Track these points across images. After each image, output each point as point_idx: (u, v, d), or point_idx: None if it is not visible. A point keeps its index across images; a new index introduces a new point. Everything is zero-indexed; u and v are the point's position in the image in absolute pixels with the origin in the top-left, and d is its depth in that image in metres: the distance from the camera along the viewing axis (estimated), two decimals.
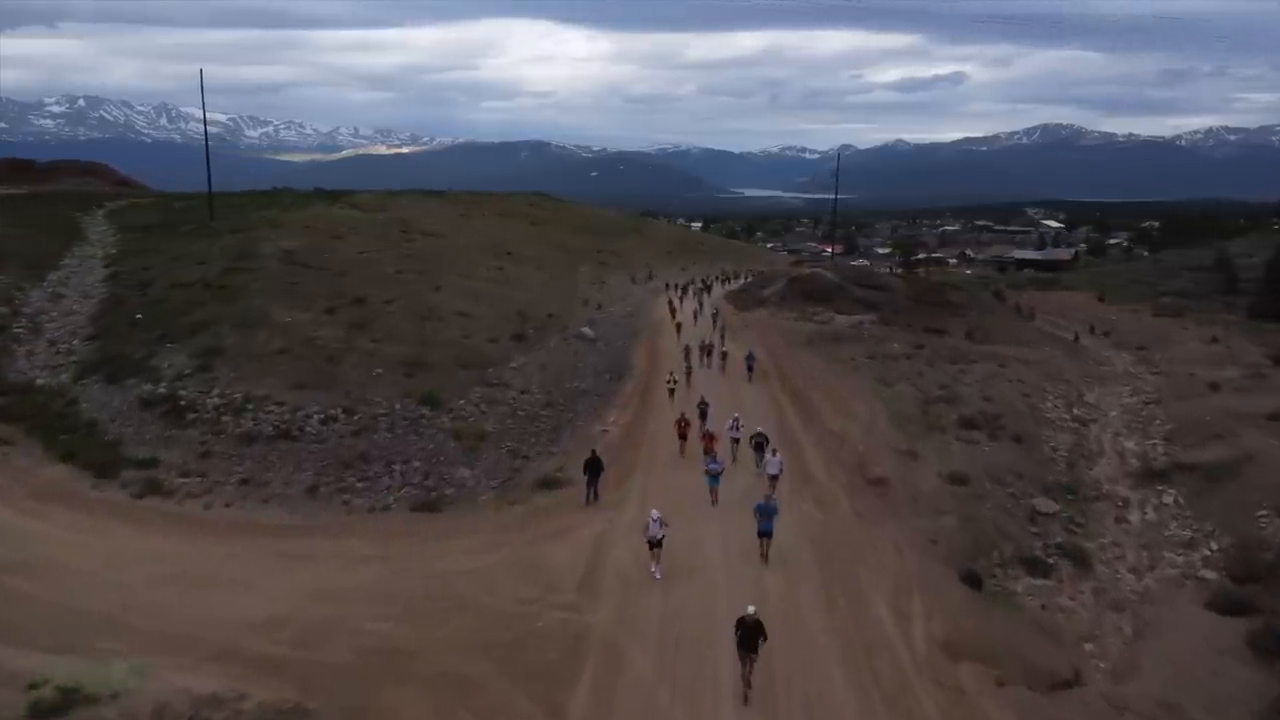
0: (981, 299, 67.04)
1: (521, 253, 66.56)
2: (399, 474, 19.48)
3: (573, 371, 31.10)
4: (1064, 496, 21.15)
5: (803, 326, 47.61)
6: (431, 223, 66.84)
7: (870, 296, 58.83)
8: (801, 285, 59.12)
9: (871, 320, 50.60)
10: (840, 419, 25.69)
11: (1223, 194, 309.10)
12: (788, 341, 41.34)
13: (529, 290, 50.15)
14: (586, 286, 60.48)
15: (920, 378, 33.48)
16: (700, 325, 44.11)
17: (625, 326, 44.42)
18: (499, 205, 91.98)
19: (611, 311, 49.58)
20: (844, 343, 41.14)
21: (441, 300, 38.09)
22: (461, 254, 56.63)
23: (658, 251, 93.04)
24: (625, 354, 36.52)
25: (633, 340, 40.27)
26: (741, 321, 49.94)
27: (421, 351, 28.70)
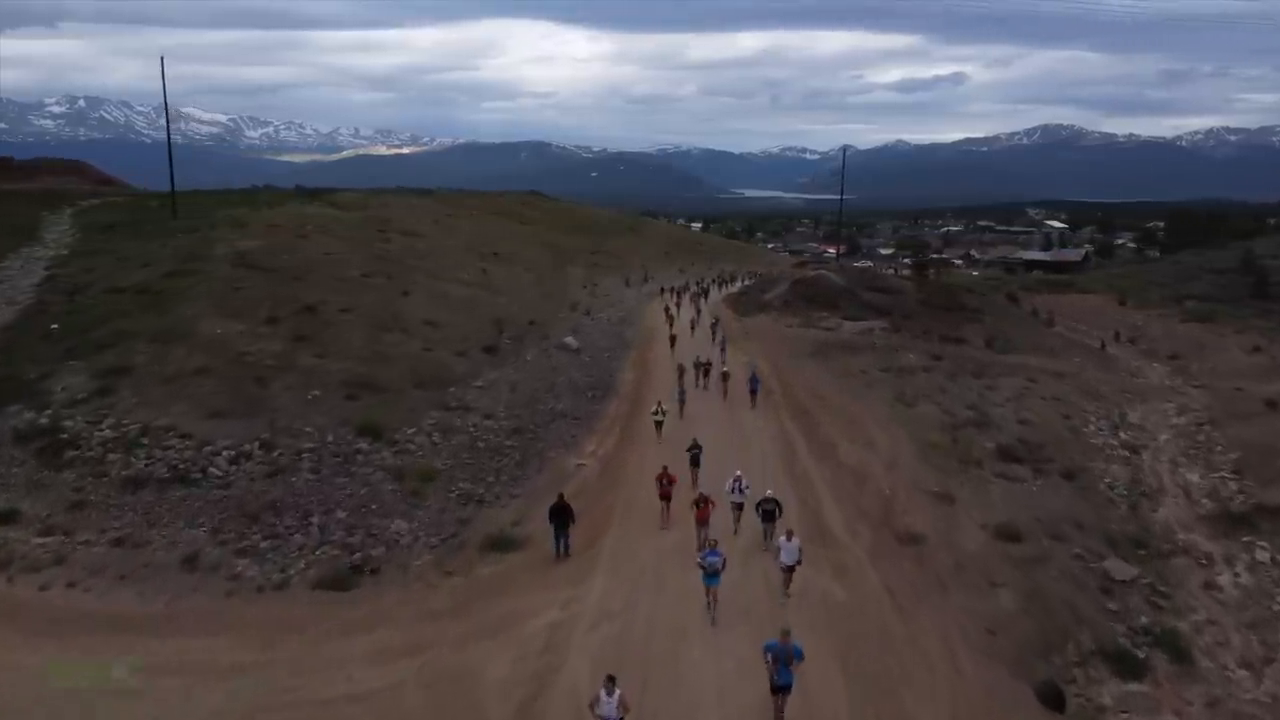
0: (996, 302, 63.22)
1: (508, 253, 62.79)
2: (316, 529, 15.69)
3: (549, 390, 27.24)
4: (1134, 552, 17.34)
5: (808, 334, 43.77)
6: (413, 222, 63.08)
7: (879, 300, 55.02)
8: (805, 289, 55.27)
9: (881, 327, 46.75)
10: (858, 449, 21.85)
11: (1223, 194, 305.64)
12: (793, 352, 37.50)
13: (511, 295, 46.33)
14: (576, 290, 56.67)
15: (943, 395, 29.63)
16: (698, 337, 39.79)
17: (614, 335, 40.57)
18: (490, 204, 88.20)
19: (601, 318, 45.74)
20: (854, 353, 37.29)
21: (408, 307, 34.27)
22: (442, 255, 52.87)
23: (655, 252, 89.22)
24: (612, 367, 32.67)
25: (622, 351, 36.41)
26: (742, 328, 46.13)
27: (373, 369, 24.88)
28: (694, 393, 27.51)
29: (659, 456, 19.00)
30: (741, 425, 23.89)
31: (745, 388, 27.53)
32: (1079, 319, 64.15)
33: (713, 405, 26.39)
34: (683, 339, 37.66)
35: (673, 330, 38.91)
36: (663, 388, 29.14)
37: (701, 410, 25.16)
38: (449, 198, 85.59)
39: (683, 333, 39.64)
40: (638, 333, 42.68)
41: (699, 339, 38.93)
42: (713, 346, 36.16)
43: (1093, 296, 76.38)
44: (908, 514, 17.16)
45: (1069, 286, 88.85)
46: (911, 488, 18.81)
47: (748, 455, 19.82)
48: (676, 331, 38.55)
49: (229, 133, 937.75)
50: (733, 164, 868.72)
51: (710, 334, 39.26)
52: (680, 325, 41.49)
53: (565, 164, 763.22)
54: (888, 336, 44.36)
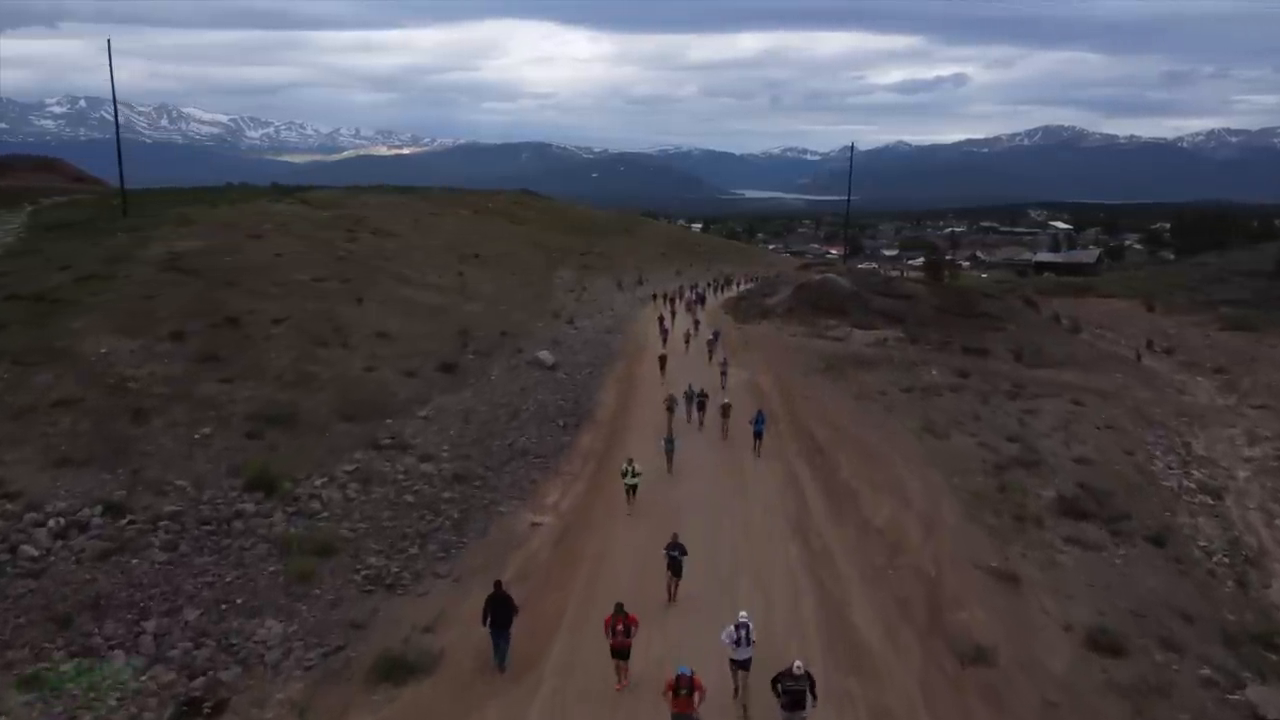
0: (1015, 308, 58.71)
1: (492, 255, 58.42)
2: (150, 639, 11.29)
3: (511, 418, 22.77)
4: (1263, 655, 12.92)
5: (815, 345, 39.32)
6: (390, 221, 58.76)
7: (891, 307, 50.56)
8: (811, 293, 50.82)
9: (896, 336, 42.29)
10: (887, 502, 17.40)
11: (1224, 196, 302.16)
12: (799, 366, 33.02)
13: (487, 300, 41.93)
14: (562, 295, 52.26)
15: (978, 423, 25.19)
16: (693, 354, 34.88)
17: (599, 346, 36.11)
18: (479, 202, 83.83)
19: (585, 326, 41.30)
20: (869, 369, 32.82)
21: (359, 316, 29.84)
22: (415, 256, 48.52)
23: (651, 253, 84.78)
24: (591, 387, 28.19)
25: (605, 367, 31.93)
26: (742, 337, 41.69)
27: (293, 395, 20.45)
28: (686, 430, 22.49)
29: (628, 539, 14.51)
30: (743, 480, 18.90)
31: (748, 423, 21.50)
32: (1104, 325, 59.67)
33: (708, 453, 21.09)
34: (675, 357, 32.69)
35: (663, 348, 33.62)
36: (648, 413, 24.72)
37: (694, 460, 20.00)
38: (436, 196, 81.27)
39: (675, 349, 34.70)
40: (626, 343, 38.23)
41: (694, 357, 34.09)
42: (710, 367, 31.25)
43: (1116, 300, 71.89)
44: (963, 607, 12.73)
45: (1087, 289, 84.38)
46: (961, 563, 14.38)
47: (749, 539, 15.25)
48: (667, 351, 32.94)
49: (229, 133, 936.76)
50: (733, 165, 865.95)
51: (707, 351, 34.16)
52: (673, 340, 36.44)
53: (566, 165, 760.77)
54: (904, 348, 39.92)
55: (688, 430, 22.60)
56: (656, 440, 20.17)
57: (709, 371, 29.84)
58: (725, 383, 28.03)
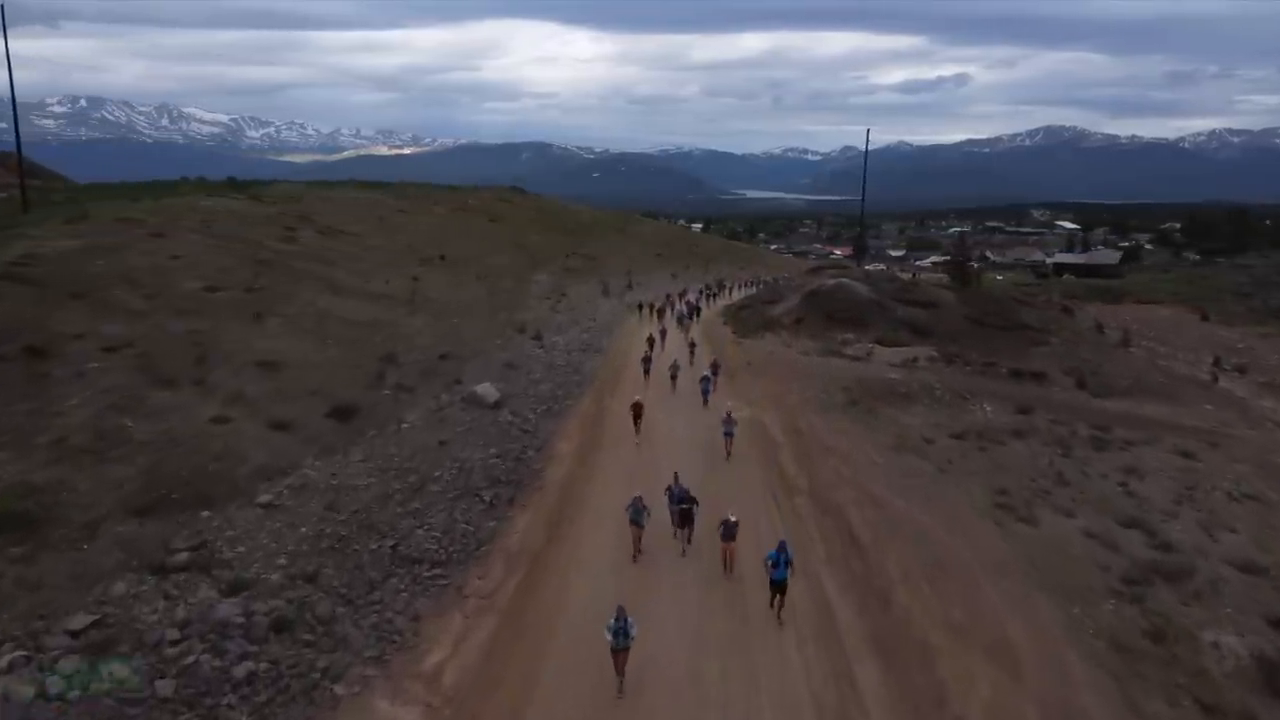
0: (1055, 318, 51.69)
1: (461, 257, 51.57)
2: None
3: (410, 496, 15.80)
4: None
5: (832, 367, 32.33)
6: (347, 219, 51.92)
7: (915, 316, 43.59)
8: (824, 301, 43.87)
9: (928, 355, 35.29)
10: (979, 666, 10.50)
11: (1226, 196, 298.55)
12: (814, 399, 26.02)
13: (438, 312, 35.04)
14: (535, 302, 45.36)
15: (1068, 490, 18.22)
16: (684, 393, 26.13)
17: (567, 372, 29.17)
18: (458, 199, 76.94)
19: (555, 343, 34.38)
20: (903, 403, 25.84)
21: (246, 339, 22.92)
22: (366, 259, 41.63)
23: (644, 254, 77.86)
24: (543, 436, 21.22)
25: (570, 402, 24.98)
26: (743, 355, 34.76)
27: (61, 474, 13.55)
28: (662, 554, 14.20)
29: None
30: (752, 668, 10.83)
31: (762, 552, 12.75)
32: (1154, 336, 52.62)
33: (696, 610, 12.37)
34: (659, 400, 24.56)
35: (644, 386, 25.91)
36: (618, 473, 17.86)
37: (672, 639, 11.41)
38: (412, 192, 74.43)
39: (659, 387, 26.59)
40: (603, 366, 31.28)
41: (684, 399, 25.60)
42: (704, 412, 23.69)
43: (1160, 308, 64.80)
44: None
45: (1122, 293, 77.35)
46: None
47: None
48: (645, 396, 23.57)
49: (230, 133, 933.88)
50: (734, 165, 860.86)
51: (700, 393, 25.13)
52: (658, 374, 28.03)
53: (567, 165, 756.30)
54: (939, 370, 32.95)
55: (665, 553, 14.29)
56: (607, 625, 10.56)
57: (703, 420, 22.64)
58: (729, 445, 19.87)
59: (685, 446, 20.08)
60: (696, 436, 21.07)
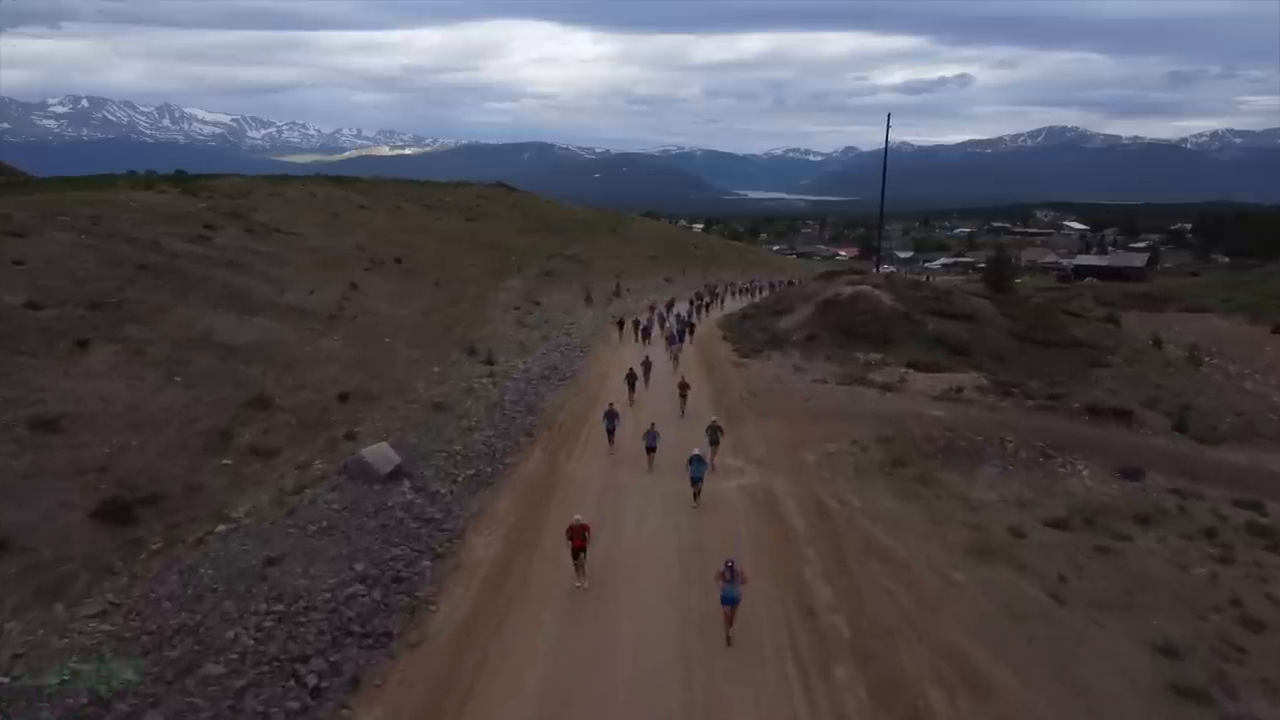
0: (1108, 331, 44.73)
1: (419, 259, 44.84)
2: None
3: (157, 698, 9.00)
4: None
5: (859, 401, 25.38)
6: (293, 216, 45.30)
7: (951, 332, 36.71)
8: (841, 313, 36.96)
9: (977, 384, 28.27)
10: None
11: (1228, 196, 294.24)
12: (842, 459, 19.07)
13: (363, 330, 28.20)
14: (500, 315, 38.51)
15: (1264, 641, 11.41)
16: (656, 516, 15.76)
17: (516, 413, 22.27)
18: (434, 196, 70.19)
19: (513, 370, 27.46)
20: (966, 462, 18.92)
21: (43, 379, 16.15)
22: (297, 262, 34.89)
23: (638, 256, 70.93)
24: (452, 527, 14.36)
25: (506, 462, 18.10)
26: (746, 383, 27.85)
27: None
28: None
29: None
30: None
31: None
32: (1223, 353, 45.60)
33: None
34: (620, 511, 15.60)
35: (604, 464, 18.04)
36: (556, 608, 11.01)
37: None
38: (384, 188, 67.77)
39: (629, 474, 17.73)
40: (567, 403, 24.36)
41: (660, 506, 15.95)
42: (692, 506, 15.79)
43: (1213, 317, 57.65)
44: None
45: (1164, 300, 70.23)
46: None
47: None
48: (607, 478, 17.14)
49: (232, 133, 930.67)
50: (735, 165, 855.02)
51: (690, 479, 16.11)
52: (629, 443, 19.34)
53: (568, 165, 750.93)
54: (993, 404, 26.00)
55: None
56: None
57: (691, 533, 14.95)
58: (731, 621, 11.03)
59: (658, 602, 12.13)
60: (682, 573, 13.25)
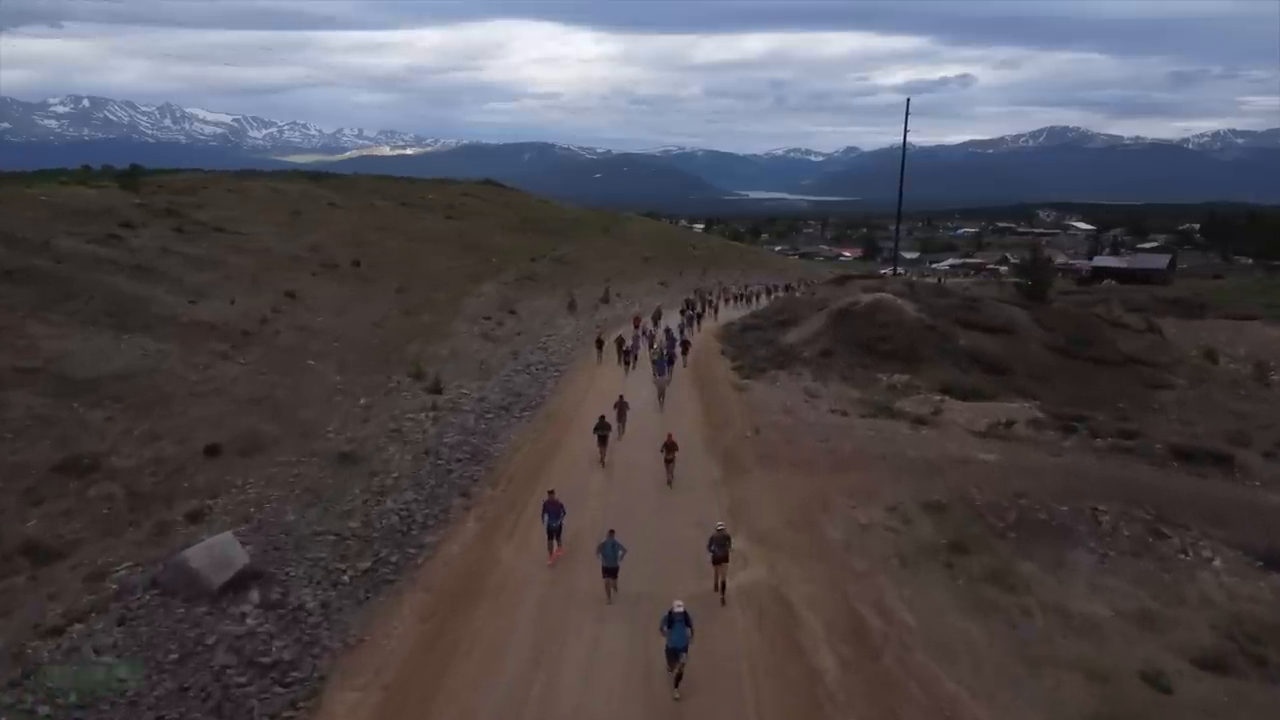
0: (1156, 344, 39.67)
1: (383, 262, 39.91)
2: None
3: None
4: None
5: (889, 442, 20.32)
6: (245, 214, 40.53)
7: (986, 348, 31.66)
8: (859, 325, 31.86)
9: (1031, 416, 23.20)
10: None
11: (1230, 197, 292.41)
12: (880, 538, 14.11)
13: (282, 353, 23.25)
14: (465, 327, 33.50)
15: None
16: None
17: (455, 463, 17.33)
18: (415, 193, 65.29)
19: (460, 400, 22.51)
20: (1050, 544, 13.93)
21: None
22: (225, 267, 29.98)
23: (632, 258, 65.84)
24: (309, 674, 9.48)
25: (423, 543, 13.17)
26: (747, 413, 22.90)
27: None
28: None
29: None
30: None
31: None
32: None
33: None
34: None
35: (536, 603, 11.44)
36: None
37: None
38: (354, 185, 62.89)
39: (579, 616, 11.37)
40: (527, 445, 19.38)
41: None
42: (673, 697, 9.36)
43: (1259, 325, 52.52)
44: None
45: (1201, 307, 65.09)
46: None
47: None
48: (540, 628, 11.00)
49: (233, 133, 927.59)
50: (736, 166, 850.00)
51: (667, 659, 9.82)
52: (588, 521, 13.92)
53: (569, 165, 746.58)
54: (1054, 444, 20.95)
55: None
56: None
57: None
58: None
59: None
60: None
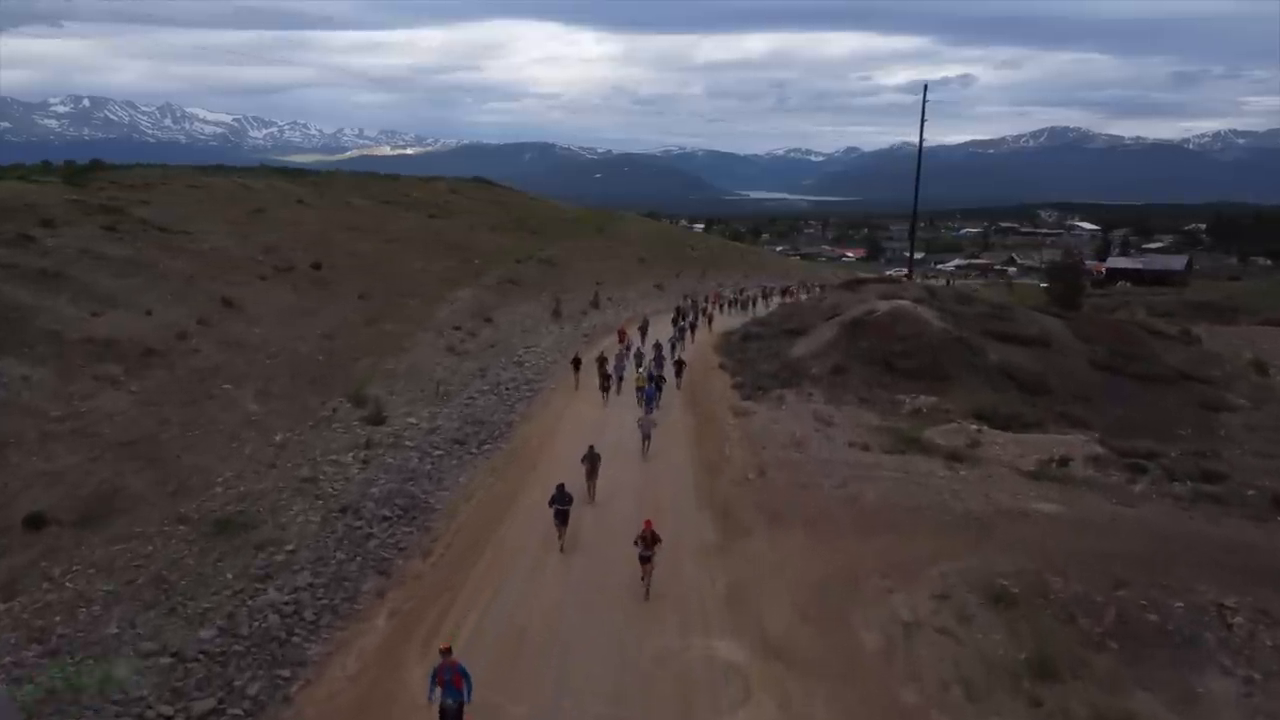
0: (1203, 356, 35.77)
1: (347, 264, 36.10)
2: None
3: None
4: None
5: (923, 486, 16.47)
6: (199, 212, 36.73)
7: (1021, 364, 27.84)
8: (876, 338, 27.94)
9: (1091, 452, 19.33)
10: None
11: (1231, 197, 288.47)
12: (928, 658, 10.29)
13: (189, 377, 19.43)
14: (430, 339, 29.64)
15: None
16: None
17: (378, 521, 13.59)
18: (397, 191, 61.44)
19: (407, 432, 18.71)
20: (1162, 661, 10.12)
21: None
22: (154, 270, 26.18)
23: (626, 259, 61.95)
24: None
25: (298, 672, 9.45)
26: (748, 446, 19.11)
27: None
28: None
29: None
30: None
31: None
32: None
33: None
34: None
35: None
36: None
37: None
38: (332, 182, 59.12)
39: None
40: (473, 496, 15.60)
41: None
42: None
43: None
44: None
45: (1233, 311, 61.21)
46: None
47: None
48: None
49: (233, 133, 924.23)
50: (737, 166, 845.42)
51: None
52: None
53: (570, 165, 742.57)
54: (1126, 490, 17.13)
55: None
56: None
57: None
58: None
59: None
60: None
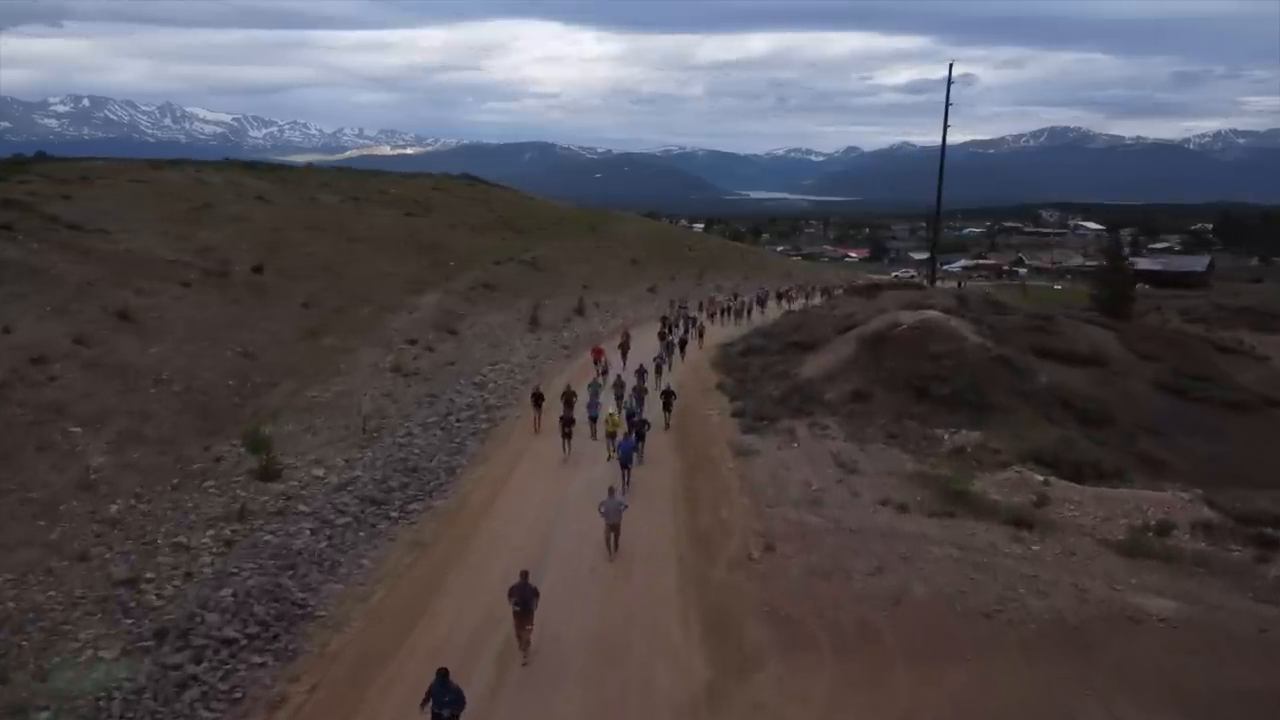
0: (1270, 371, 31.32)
1: (304, 267, 31.88)
2: None
3: None
4: None
5: (983, 570, 12.01)
6: (134, 209, 32.64)
7: (1076, 388, 23.38)
8: (902, 356, 23.46)
9: (1196, 516, 14.95)
10: None
11: (1232, 197, 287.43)
12: None
13: (38, 411, 15.16)
14: (375, 355, 25.26)
15: None
16: None
17: (189, 670, 9.35)
18: (373, 187, 57.15)
19: (304, 486, 14.39)
20: None
21: None
22: (36, 278, 21.89)
23: (619, 259, 57.53)
24: None
25: None
26: (750, 506, 14.71)
27: None
28: None
29: None
30: None
31: None
32: None
33: None
34: None
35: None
36: None
37: None
38: (302, 178, 55.00)
39: None
40: (370, 596, 11.27)
41: None
42: None
43: None
44: None
45: (1275, 318, 56.73)
46: None
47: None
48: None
49: (233, 133, 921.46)
50: (737, 165, 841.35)
51: None
52: None
53: (570, 165, 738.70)
54: (1254, 572, 12.70)
55: None
56: None
57: None
58: None
59: None
60: None
